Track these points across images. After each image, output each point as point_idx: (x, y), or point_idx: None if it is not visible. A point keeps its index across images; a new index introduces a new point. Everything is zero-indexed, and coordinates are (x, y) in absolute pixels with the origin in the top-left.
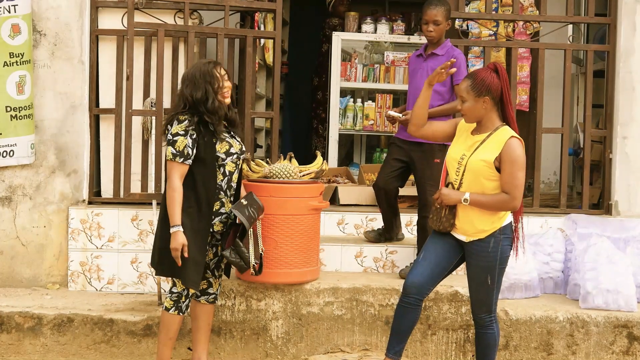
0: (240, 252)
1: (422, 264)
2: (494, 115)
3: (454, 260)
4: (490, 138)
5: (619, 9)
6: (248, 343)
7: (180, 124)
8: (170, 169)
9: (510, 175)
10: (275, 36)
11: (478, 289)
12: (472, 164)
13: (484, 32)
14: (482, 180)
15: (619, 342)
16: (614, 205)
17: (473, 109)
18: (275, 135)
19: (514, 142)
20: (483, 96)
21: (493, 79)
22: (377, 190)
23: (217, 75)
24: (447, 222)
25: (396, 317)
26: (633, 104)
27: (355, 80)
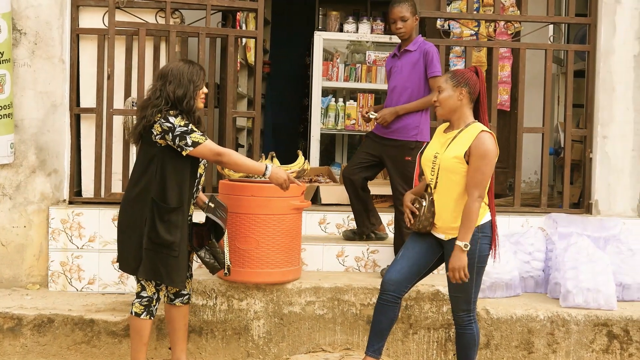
0: (214, 253)
1: (401, 261)
2: (468, 112)
3: (434, 259)
4: (462, 133)
5: (599, 9)
6: (229, 343)
7: (177, 117)
8: (211, 145)
9: (476, 170)
10: (257, 36)
11: (457, 288)
12: (445, 161)
13: (466, 32)
14: (455, 177)
15: (599, 340)
16: (594, 204)
17: (449, 99)
18: (256, 135)
19: (484, 136)
20: (461, 87)
21: (472, 75)
22: (344, 179)
23: (202, 79)
24: (426, 221)
25: (375, 315)
26: (613, 103)
27: (336, 79)
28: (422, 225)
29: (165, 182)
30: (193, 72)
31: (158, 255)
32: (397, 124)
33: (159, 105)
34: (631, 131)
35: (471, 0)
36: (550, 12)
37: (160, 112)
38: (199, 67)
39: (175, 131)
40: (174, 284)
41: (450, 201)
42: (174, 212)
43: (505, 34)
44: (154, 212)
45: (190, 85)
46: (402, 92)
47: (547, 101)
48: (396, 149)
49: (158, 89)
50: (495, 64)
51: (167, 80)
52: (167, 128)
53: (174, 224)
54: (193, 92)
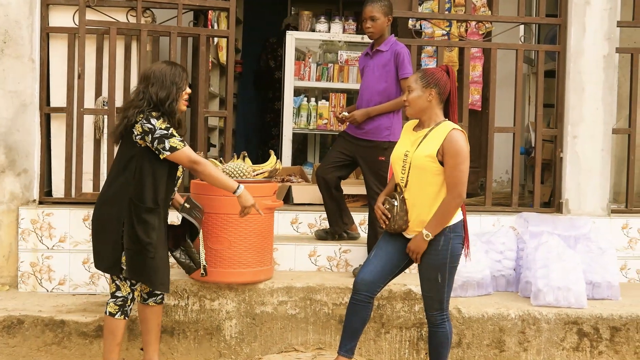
0: (190, 254)
1: (373, 261)
2: (438, 112)
3: (406, 259)
4: (432, 132)
5: (569, 10)
6: (201, 343)
7: (159, 119)
8: (188, 153)
9: (453, 169)
10: (229, 35)
11: (429, 288)
12: (416, 160)
13: (437, 31)
14: (427, 176)
15: (569, 338)
16: (564, 203)
17: (418, 99)
18: (228, 135)
19: (455, 134)
20: (430, 88)
21: (443, 75)
22: (317, 178)
23: (185, 81)
24: (400, 220)
25: (347, 315)
26: (583, 103)
27: (309, 79)
28: (397, 225)
29: (143, 182)
30: (176, 74)
31: (136, 255)
32: (369, 124)
33: (142, 107)
34: (601, 131)
35: (443, 1)
36: (520, 12)
37: (142, 112)
38: (182, 69)
39: (155, 133)
40: (153, 285)
41: (422, 200)
42: (150, 213)
43: (476, 34)
44: (131, 212)
45: (173, 87)
46: (374, 92)
47: (518, 101)
48: (369, 149)
49: (141, 90)
50: (466, 64)
51: (149, 82)
52: (148, 129)
53: (150, 225)
54: (176, 94)
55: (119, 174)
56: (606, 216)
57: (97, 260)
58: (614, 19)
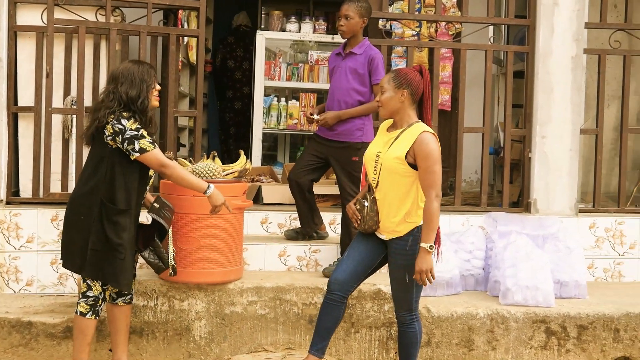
0: (159, 253)
1: (346, 261)
2: (411, 113)
3: (378, 259)
4: (404, 134)
5: (538, 11)
6: (171, 344)
7: (130, 119)
8: (157, 155)
9: (426, 171)
10: (199, 34)
11: (398, 287)
12: (386, 161)
13: (407, 32)
14: (396, 178)
15: (537, 337)
16: (533, 203)
17: (390, 100)
18: (198, 134)
19: (425, 136)
20: (402, 89)
21: (415, 76)
22: (290, 182)
23: (153, 77)
24: (370, 220)
25: (320, 314)
26: (551, 104)
27: (279, 79)
28: (368, 225)
29: (114, 183)
30: (144, 72)
31: (105, 256)
32: (342, 126)
33: (112, 107)
34: (569, 131)
35: (413, 1)
36: (490, 13)
37: (113, 113)
38: (149, 66)
39: (126, 134)
40: (120, 285)
41: (392, 201)
42: (121, 214)
43: (446, 34)
44: (102, 213)
45: (142, 84)
46: (346, 95)
47: (487, 101)
48: (342, 150)
49: (110, 91)
50: (436, 64)
51: (118, 81)
52: (118, 130)
53: (121, 226)
54: (146, 92)
55: (91, 175)
56: (574, 216)
57: (65, 259)
58: (582, 20)
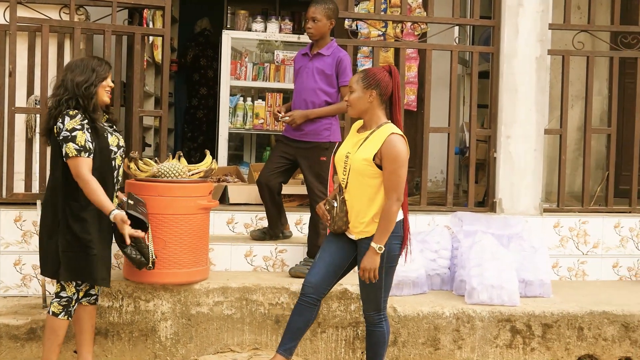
0: (140, 249)
1: (318, 264)
2: (380, 113)
3: (350, 259)
4: (373, 135)
5: (503, 12)
6: (136, 345)
7: (74, 118)
8: (77, 164)
9: (391, 173)
10: (165, 34)
11: (367, 287)
12: (355, 163)
13: (373, 32)
14: (365, 179)
15: (503, 335)
16: (498, 202)
17: (359, 100)
18: (163, 134)
19: (394, 138)
20: (371, 89)
21: (385, 77)
22: (260, 185)
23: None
24: (340, 221)
25: (292, 315)
26: (516, 104)
27: (245, 79)
28: (337, 225)
29: (72, 180)
30: (98, 63)
31: (77, 255)
32: (309, 126)
33: (60, 95)
34: (533, 131)
35: (379, 1)
36: (455, 14)
37: (59, 103)
38: (105, 62)
39: (61, 134)
40: (96, 282)
41: (360, 201)
42: (85, 209)
43: (412, 34)
44: (66, 212)
45: (92, 73)
46: (313, 95)
47: (453, 101)
48: (310, 150)
49: (61, 79)
50: (402, 64)
51: (70, 69)
52: (58, 129)
53: (88, 222)
54: (95, 80)
55: (50, 174)
56: (538, 215)
57: (43, 267)
58: (546, 21)
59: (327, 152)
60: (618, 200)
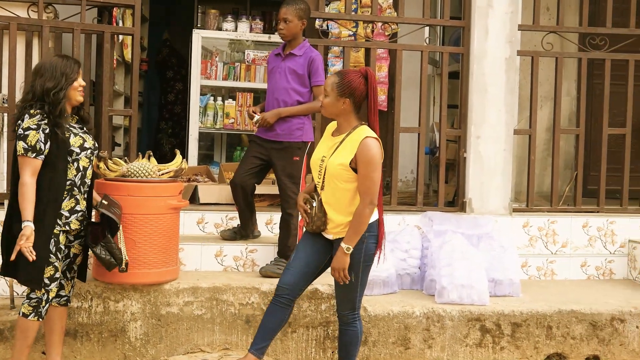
0: (110, 249)
1: (294, 264)
2: (353, 117)
3: (325, 259)
4: (347, 139)
5: (473, 13)
6: (106, 345)
7: (32, 118)
8: (22, 164)
9: (365, 178)
10: (134, 32)
11: (344, 287)
12: (330, 166)
13: (344, 32)
14: (342, 183)
15: (472, 335)
16: (468, 202)
17: (332, 106)
18: (133, 134)
19: (368, 142)
20: (344, 97)
21: (360, 84)
22: (234, 187)
23: (77, 73)
24: (318, 220)
25: (265, 315)
26: (486, 104)
27: (215, 78)
28: (316, 225)
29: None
30: (67, 65)
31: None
32: (281, 126)
33: (27, 100)
34: (503, 132)
35: (349, 1)
36: (425, 14)
37: (25, 107)
38: (74, 61)
39: (18, 132)
40: (21, 282)
41: (336, 204)
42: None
43: (382, 35)
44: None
45: (62, 77)
46: (285, 95)
47: (423, 102)
48: (283, 150)
49: (30, 84)
50: (372, 64)
51: (39, 74)
52: (17, 126)
53: None
54: (65, 85)
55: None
56: (508, 215)
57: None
58: (516, 22)
59: (299, 152)
60: (586, 200)
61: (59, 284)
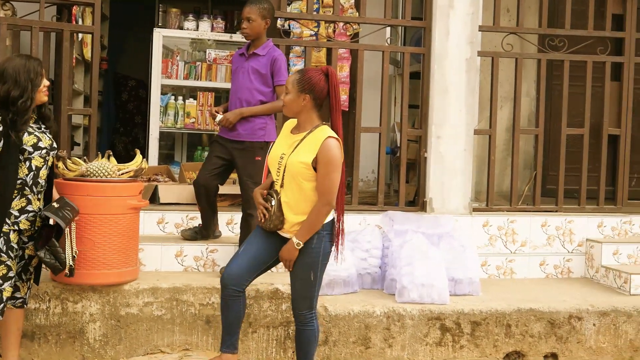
0: (55, 253)
1: (241, 256)
2: (314, 115)
3: (274, 255)
4: (308, 137)
5: (434, 13)
6: (64, 347)
7: None
8: None
9: (324, 177)
10: (94, 31)
11: (301, 286)
12: (291, 164)
13: (306, 32)
14: (300, 181)
15: (432, 333)
16: (428, 202)
17: (292, 102)
18: (93, 133)
19: (329, 143)
20: (304, 94)
21: (320, 81)
22: (198, 187)
23: (41, 75)
24: (277, 219)
25: (221, 312)
26: (447, 105)
27: (176, 77)
28: (274, 224)
29: None
30: (31, 69)
31: None
32: (244, 125)
33: None
34: (463, 132)
35: (311, 1)
36: (387, 14)
37: None
38: (38, 62)
39: None
40: None
41: (298, 202)
42: None
43: (344, 35)
44: None
45: (28, 84)
46: (248, 95)
47: (384, 102)
48: (245, 150)
49: None
50: (334, 64)
51: (1, 80)
52: None
53: None
54: (31, 92)
55: None
56: (468, 214)
57: None
58: (476, 23)
59: (262, 152)
60: (545, 200)
61: (13, 285)
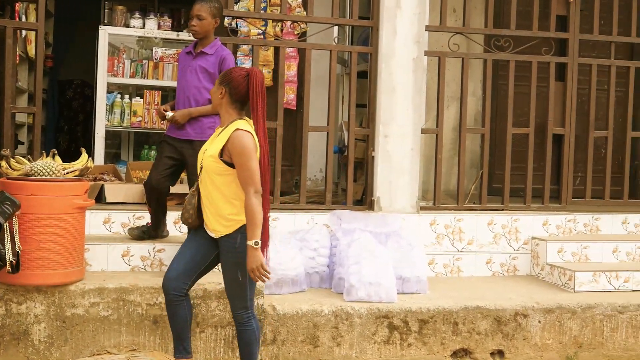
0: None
1: (178, 259)
2: (232, 111)
3: (211, 256)
4: (223, 132)
5: (381, 13)
6: (7, 349)
7: None
8: None
9: (241, 168)
10: (38, 28)
11: (232, 286)
12: (205, 159)
13: (253, 30)
14: (214, 176)
15: (381, 332)
16: (376, 201)
17: (213, 94)
18: (37, 132)
19: (238, 134)
20: (222, 85)
21: (239, 77)
22: (149, 189)
23: None
24: (186, 213)
25: (169, 319)
26: (394, 104)
27: (122, 75)
28: (184, 217)
29: None
30: None
31: None
32: (192, 125)
33: None
34: (411, 131)
35: (258, 0)
36: (335, 14)
37: None
38: None
39: None
40: None
41: (215, 199)
42: None
43: (292, 33)
44: None
45: None
46: (197, 94)
47: (332, 101)
48: (195, 150)
49: None
50: (281, 63)
51: None
52: None
53: None
54: None
55: None
56: (415, 213)
57: None
58: (423, 23)
59: None
60: (491, 199)
61: None
